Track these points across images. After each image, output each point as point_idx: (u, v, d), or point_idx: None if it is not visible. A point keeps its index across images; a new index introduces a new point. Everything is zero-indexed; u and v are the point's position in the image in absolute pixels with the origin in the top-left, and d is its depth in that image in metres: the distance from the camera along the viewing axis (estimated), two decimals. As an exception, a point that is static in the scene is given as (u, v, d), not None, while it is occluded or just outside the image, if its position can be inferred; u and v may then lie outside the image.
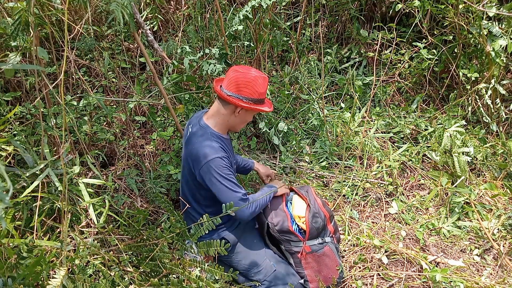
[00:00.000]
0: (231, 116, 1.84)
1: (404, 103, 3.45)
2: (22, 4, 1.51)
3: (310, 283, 1.95)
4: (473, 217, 2.53)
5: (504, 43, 2.77)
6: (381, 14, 3.70)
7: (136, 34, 1.96)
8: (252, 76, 1.77)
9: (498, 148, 2.89)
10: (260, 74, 1.81)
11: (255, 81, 1.78)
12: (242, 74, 1.77)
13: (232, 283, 2.00)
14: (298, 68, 3.43)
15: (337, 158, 2.96)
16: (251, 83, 1.77)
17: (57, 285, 1.17)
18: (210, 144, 1.77)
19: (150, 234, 1.50)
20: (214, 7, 2.96)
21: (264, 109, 1.84)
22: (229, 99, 1.77)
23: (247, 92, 1.78)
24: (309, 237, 1.93)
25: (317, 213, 1.96)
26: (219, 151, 1.76)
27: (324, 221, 1.97)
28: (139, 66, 3.09)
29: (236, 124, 1.89)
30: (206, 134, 1.81)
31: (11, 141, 1.63)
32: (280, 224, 1.93)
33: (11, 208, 1.61)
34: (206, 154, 1.74)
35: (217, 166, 1.73)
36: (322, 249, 1.95)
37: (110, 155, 2.72)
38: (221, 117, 1.85)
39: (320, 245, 1.95)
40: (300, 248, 1.93)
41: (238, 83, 1.77)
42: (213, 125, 1.86)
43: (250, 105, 1.79)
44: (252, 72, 1.79)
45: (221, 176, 1.74)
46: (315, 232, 1.93)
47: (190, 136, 1.87)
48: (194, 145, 1.80)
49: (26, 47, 1.70)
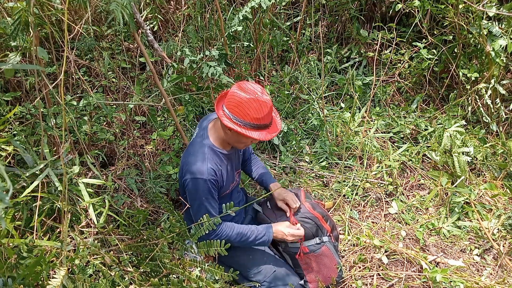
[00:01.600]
0: (224, 130, 1.73)
1: (404, 103, 3.45)
2: (22, 4, 1.51)
3: (310, 283, 1.95)
4: (473, 217, 2.53)
5: (504, 43, 2.77)
6: (381, 14, 3.70)
7: (136, 34, 1.96)
8: (245, 99, 1.59)
9: (498, 148, 2.89)
10: (258, 97, 1.61)
11: (247, 104, 1.60)
12: (238, 93, 1.62)
13: (232, 284, 2.00)
14: (298, 68, 3.43)
15: (337, 158, 2.96)
16: (243, 106, 1.60)
17: (57, 285, 1.17)
18: (201, 163, 1.70)
19: (150, 234, 1.50)
20: (214, 7, 2.96)
21: (253, 135, 1.63)
22: (218, 114, 1.67)
23: (237, 112, 1.62)
24: (305, 238, 1.91)
25: (306, 218, 1.92)
26: (208, 173, 1.68)
27: (317, 222, 1.94)
28: (139, 66, 3.09)
29: (234, 142, 1.76)
30: (203, 148, 1.75)
31: (11, 141, 1.63)
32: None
33: (11, 208, 1.61)
34: (193, 171, 1.69)
35: (197, 187, 1.69)
36: (319, 249, 1.93)
37: (110, 155, 2.72)
38: (218, 130, 1.78)
39: (317, 245, 1.93)
40: (297, 249, 1.92)
41: (231, 100, 1.63)
42: (213, 138, 1.80)
43: (239, 127, 1.62)
44: (248, 94, 1.61)
45: (198, 197, 1.71)
46: (310, 233, 1.91)
47: (191, 143, 1.83)
48: (190, 156, 1.75)
49: (26, 47, 1.70)
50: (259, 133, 1.66)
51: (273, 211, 2.01)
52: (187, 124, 2.74)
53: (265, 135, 1.67)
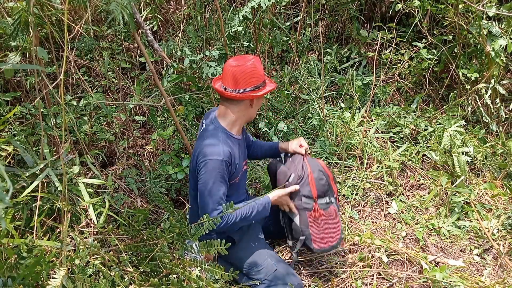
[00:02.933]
0: (247, 110, 1.86)
1: (404, 103, 3.45)
2: (22, 4, 1.51)
3: (313, 242, 1.95)
4: (473, 217, 2.53)
5: (504, 43, 2.77)
6: (381, 14, 3.71)
7: (136, 34, 1.96)
8: (251, 65, 1.78)
9: (498, 148, 2.89)
10: (254, 57, 1.82)
11: (256, 67, 1.80)
12: (241, 66, 1.78)
13: (232, 283, 2.00)
14: (298, 68, 3.43)
15: (337, 158, 2.96)
16: (254, 70, 1.79)
17: (57, 285, 1.17)
18: (218, 144, 1.78)
19: (150, 234, 1.50)
20: (214, 7, 2.96)
21: (271, 87, 1.87)
22: (243, 97, 1.79)
23: (255, 81, 1.80)
24: (317, 194, 1.93)
25: (322, 171, 1.97)
26: (225, 154, 1.76)
27: (328, 180, 1.98)
28: (139, 66, 3.09)
29: (253, 114, 1.92)
30: (218, 133, 1.83)
31: (11, 141, 1.63)
32: (304, 178, 1.94)
33: (11, 208, 1.61)
34: (209, 152, 1.75)
35: (214, 167, 1.74)
36: (328, 208, 1.96)
37: (110, 155, 2.72)
38: (235, 115, 1.86)
39: (326, 204, 1.96)
40: (310, 205, 1.93)
41: (245, 77, 1.78)
42: (225, 123, 1.88)
43: (261, 91, 1.83)
44: (249, 60, 1.80)
45: (213, 177, 1.74)
46: (321, 189, 1.94)
47: (203, 131, 1.90)
48: (204, 140, 1.81)
49: (25, 47, 1.70)
50: (268, 86, 1.87)
51: (293, 161, 2.02)
52: (187, 124, 2.74)
53: (272, 83, 1.91)
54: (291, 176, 1.97)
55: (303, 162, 1.99)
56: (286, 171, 2.01)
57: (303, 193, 1.93)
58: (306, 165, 1.97)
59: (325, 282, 2.11)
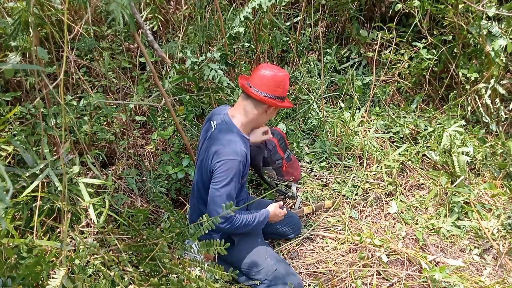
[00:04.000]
0: (262, 115, 1.91)
1: (404, 103, 3.45)
2: (22, 4, 1.51)
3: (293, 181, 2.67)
4: (472, 217, 2.53)
5: (504, 43, 2.78)
6: (380, 14, 3.71)
7: (136, 34, 1.96)
8: (282, 76, 1.86)
9: (497, 148, 2.89)
10: (286, 72, 1.90)
11: (285, 80, 1.88)
12: (274, 74, 1.85)
13: (232, 283, 2.01)
14: (298, 68, 3.43)
15: (336, 158, 2.96)
16: (283, 83, 1.87)
17: (57, 285, 1.17)
18: (235, 144, 1.80)
19: (150, 234, 1.50)
20: (214, 7, 2.96)
21: (289, 105, 1.97)
22: (265, 100, 1.84)
23: (279, 92, 1.87)
24: (283, 155, 2.60)
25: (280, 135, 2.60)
26: (242, 155, 1.79)
27: (284, 140, 2.63)
28: (139, 66, 3.09)
29: (263, 122, 2.00)
30: (233, 133, 1.86)
31: (11, 141, 1.63)
32: (273, 149, 2.51)
33: (11, 208, 1.61)
34: (227, 153, 1.77)
35: (231, 167, 1.77)
36: (291, 158, 2.71)
37: (110, 155, 2.72)
38: (251, 116, 1.90)
39: (288, 157, 2.67)
40: (281, 164, 2.57)
41: (272, 84, 1.84)
42: (239, 124, 1.89)
43: (281, 103, 1.90)
44: (282, 72, 1.88)
45: (228, 178, 1.76)
46: (284, 149, 2.61)
47: (216, 132, 1.89)
48: (221, 140, 1.82)
49: (26, 47, 1.70)
50: (287, 102, 1.97)
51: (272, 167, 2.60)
52: (187, 124, 2.74)
53: (289, 104, 1.99)
54: (265, 152, 2.49)
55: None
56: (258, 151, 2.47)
57: (276, 159, 2.53)
58: (271, 139, 2.50)
59: (325, 282, 2.11)
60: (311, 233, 2.41)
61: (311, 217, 2.54)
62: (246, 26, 2.84)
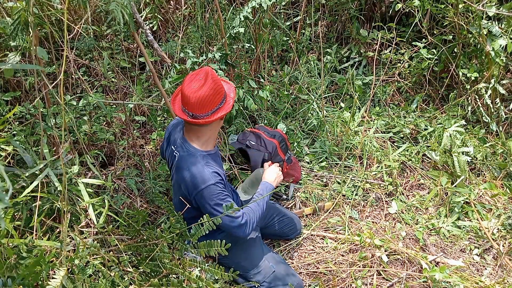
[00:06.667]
0: (218, 124, 1.83)
1: (404, 103, 3.45)
2: (22, 4, 1.51)
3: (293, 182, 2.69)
4: (472, 217, 2.53)
5: (504, 42, 2.77)
6: (380, 13, 3.70)
7: (135, 34, 1.96)
8: (211, 80, 1.68)
9: (498, 148, 2.89)
10: (205, 70, 1.70)
11: (214, 79, 1.70)
12: (207, 88, 1.67)
13: (232, 284, 2.00)
14: (298, 68, 3.43)
15: (337, 158, 2.96)
16: (215, 87, 1.69)
17: (57, 285, 1.17)
18: (202, 171, 1.71)
19: (150, 234, 1.50)
20: (214, 6, 2.96)
21: (232, 96, 1.81)
22: (215, 119, 1.71)
23: (220, 98, 1.72)
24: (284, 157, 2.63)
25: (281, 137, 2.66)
26: (212, 177, 1.70)
27: (285, 141, 2.70)
28: (139, 66, 3.09)
29: (219, 127, 1.90)
30: (195, 158, 1.75)
31: (10, 141, 1.62)
32: (274, 152, 2.55)
33: (10, 208, 1.61)
34: (198, 183, 1.70)
35: (211, 194, 1.69)
36: (291, 160, 2.75)
37: (110, 155, 2.72)
38: (208, 134, 1.79)
39: (289, 158, 2.71)
40: (282, 166, 2.56)
41: (212, 97, 1.69)
42: (199, 145, 1.79)
43: (227, 103, 1.78)
44: (206, 77, 1.69)
45: (215, 203, 1.70)
46: (285, 151, 2.65)
47: (179, 161, 1.80)
48: (185, 172, 1.74)
49: (25, 47, 1.69)
50: (231, 92, 1.83)
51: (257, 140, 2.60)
52: (187, 124, 2.74)
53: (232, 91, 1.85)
54: (265, 154, 2.52)
55: (266, 140, 2.58)
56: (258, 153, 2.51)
57: (276, 161, 2.50)
58: (271, 140, 2.59)
59: (325, 282, 2.11)
60: (311, 233, 2.41)
61: (311, 217, 2.54)
62: (246, 26, 2.84)
